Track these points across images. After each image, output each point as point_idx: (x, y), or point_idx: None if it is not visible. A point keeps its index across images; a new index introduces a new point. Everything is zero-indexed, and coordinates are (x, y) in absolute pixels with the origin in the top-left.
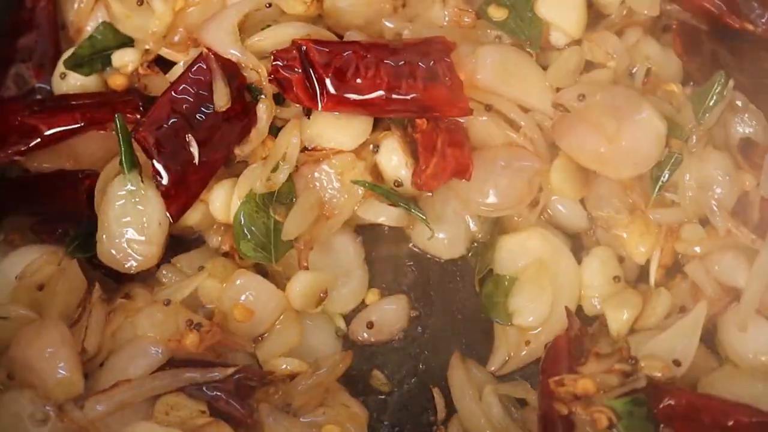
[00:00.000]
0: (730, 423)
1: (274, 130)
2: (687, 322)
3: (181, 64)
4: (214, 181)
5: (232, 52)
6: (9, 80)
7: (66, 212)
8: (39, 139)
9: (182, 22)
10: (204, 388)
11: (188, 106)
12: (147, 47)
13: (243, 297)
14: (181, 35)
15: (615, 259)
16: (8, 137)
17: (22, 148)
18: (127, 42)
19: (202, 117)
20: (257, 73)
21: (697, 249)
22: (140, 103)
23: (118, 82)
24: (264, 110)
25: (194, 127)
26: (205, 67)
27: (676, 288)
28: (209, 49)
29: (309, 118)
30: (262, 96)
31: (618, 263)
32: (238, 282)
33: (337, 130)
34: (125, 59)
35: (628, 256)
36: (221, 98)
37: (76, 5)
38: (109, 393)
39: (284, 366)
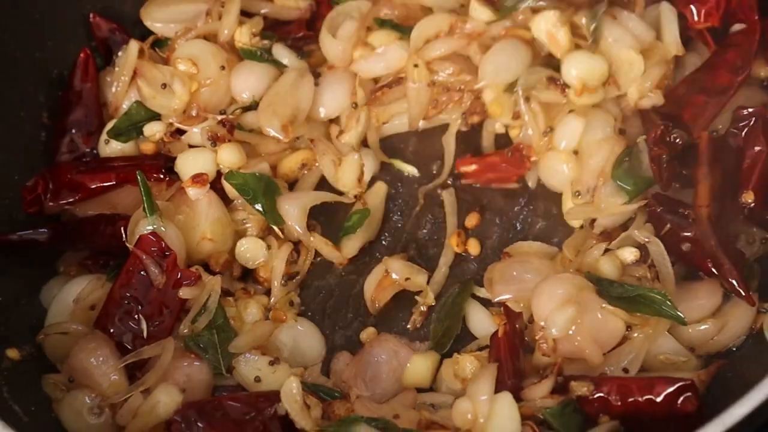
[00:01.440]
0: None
1: None
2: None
3: (195, 130)
4: None
5: (297, 228)
6: (64, 146)
7: (106, 247)
8: (85, 193)
9: (196, 100)
10: None
11: (138, 290)
12: (170, 121)
13: None
14: (196, 110)
15: None
16: (61, 191)
17: (71, 200)
18: (155, 116)
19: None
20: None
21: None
22: (163, 166)
23: (148, 147)
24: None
25: (142, 305)
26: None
27: None
28: (136, 247)
29: None
30: None
31: None
32: None
33: None
34: (153, 130)
35: None
36: (158, 278)
37: (113, 88)
38: None
39: None
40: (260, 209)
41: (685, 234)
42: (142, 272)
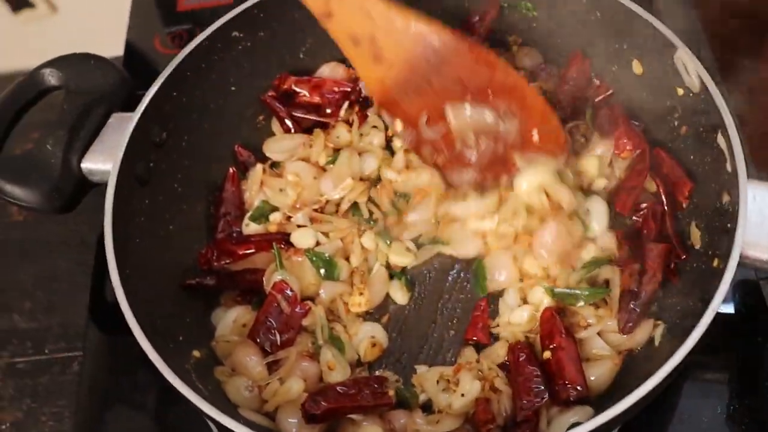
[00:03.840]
0: None
1: None
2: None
3: (299, 216)
4: None
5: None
6: (221, 228)
7: (250, 288)
8: (235, 257)
9: (300, 197)
10: None
11: (273, 315)
12: (284, 211)
13: None
14: (300, 204)
15: None
16: (221, 255)
17: (227, 261)
18: (276, 209)
19: (280, 317)
20: None
21: None
22: (284, 239)
23: (272, 228)
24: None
25: (276, 324)
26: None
27: None
28: (272, 289)
29: None
30: None
31: None
32: None
33: None
34: (276, 217)
35: None
36: (286, 308)
37: (247, 194)
38: None
39: None
40: (323, 274)
41: None
42: (276, 304)
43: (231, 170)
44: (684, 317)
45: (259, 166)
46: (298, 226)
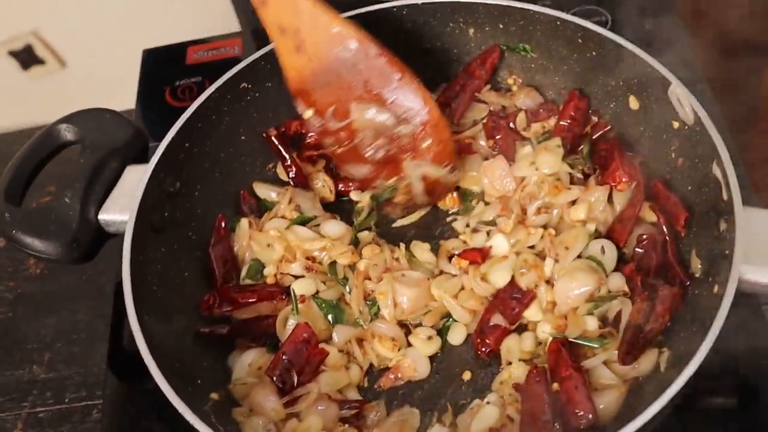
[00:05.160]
0: None
1: None
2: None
3: (294, 267)
4: None
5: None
6: (219, 277)
7: (263, 335)
8: (237, 305)
9: (288, 251)
10: None
11: (292, 355)
12: (275, 266)
13: None
14: (285, 259)
15: None
16: (223, 303)
17: (229, 308)
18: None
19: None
20: None
21: None
22: (283, 291)
23: (269, 280)
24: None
25: (295, 366)
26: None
27: None
28: (295, 330)
29: None
30: None
31: None
32: None
33: None
34: (269, 271)
35: None
36: (304, 352)
37: (236, 246)
38: None
39: None
40: (330, 320)
41: None
42: (297, 345)
43: (218, 223)
44: (688, 344)
45: (244, 221)
46: (296, 277)
